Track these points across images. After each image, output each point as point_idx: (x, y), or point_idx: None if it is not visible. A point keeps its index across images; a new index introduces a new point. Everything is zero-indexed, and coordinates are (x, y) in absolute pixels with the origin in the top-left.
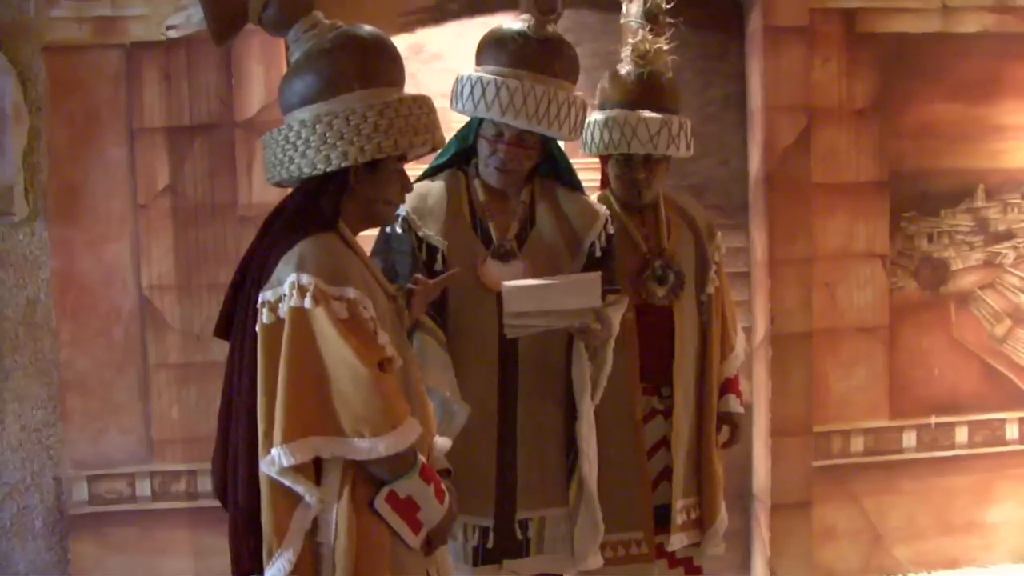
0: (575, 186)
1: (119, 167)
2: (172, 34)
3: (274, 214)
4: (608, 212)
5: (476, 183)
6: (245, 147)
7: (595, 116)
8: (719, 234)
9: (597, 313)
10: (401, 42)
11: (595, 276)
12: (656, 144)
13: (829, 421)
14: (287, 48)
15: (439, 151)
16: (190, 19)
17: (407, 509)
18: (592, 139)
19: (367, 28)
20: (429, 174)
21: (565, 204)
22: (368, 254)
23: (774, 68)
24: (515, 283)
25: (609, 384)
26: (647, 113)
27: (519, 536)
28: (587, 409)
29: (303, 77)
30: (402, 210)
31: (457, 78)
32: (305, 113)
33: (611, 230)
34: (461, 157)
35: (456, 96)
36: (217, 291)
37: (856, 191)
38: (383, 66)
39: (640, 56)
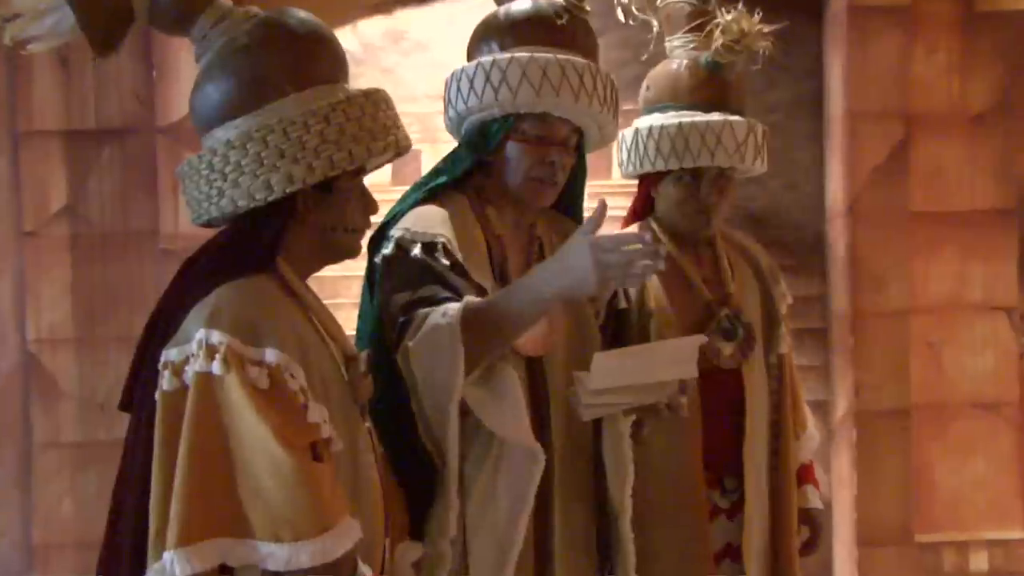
0: (578, 218)
1: None
2: (32, 48)
3: (199, 252)
4: None
5: (489, 211)
6: (169, 159)
7: (653, 121)
8: (783, 281)
9: (683, 385)
10: (376, 27)
11: (696, 340)
12: (743, 154)
13: (938, 528)
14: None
15: (440, 167)
16: (56, 27)
17: None
18: (656, 150)
19: (294, 14)
20: (428, 194)
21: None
22: (386, 294)
23: (861, 62)
24: (605, 353)
25: (663, 475)
26: (730, 116)
27: None
28: (629, 505)
29: (218, 85)
30: (433, 236)
31: (479, 64)
32: (229, 131)
33: None
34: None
35: (472, 88)
36: (129, 347)
37: (971, 222)
38: (319, 60)
39: (735, 39)
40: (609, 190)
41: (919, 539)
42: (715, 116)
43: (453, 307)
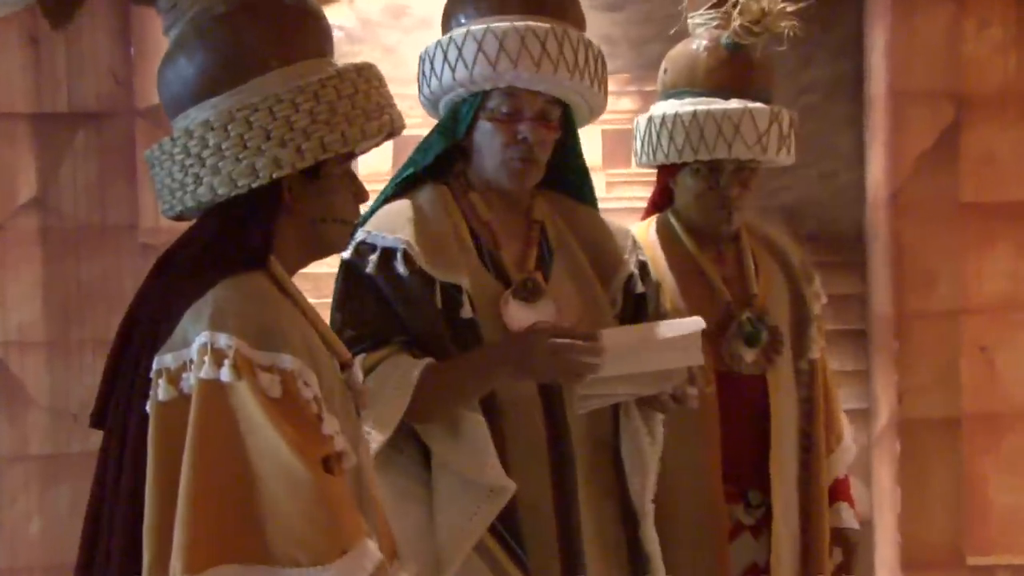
0: (586, 197)
1: None
2: None
3: (176, 246)
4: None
5: (473, 197)
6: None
7: (667, 108)
8: (817, 278)
9: (691, 373)
10: (375, 2)
11: (697, 323)
12: (765, 145)
13: (991, 550)
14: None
15: (412, 156)
16: None
17: None
18: (669, 141)
19: None
20: (402, 187)
21: (583, 222)
22: (335, 303)
23: (906, 37)
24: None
25: (677, 486)
26: (751, 103)
27: None
28: (651, 508)
29: (193, 60)
30: (393, 241)
31: (438, 43)
32: (206, 111)
33: (643, 256)
34: (435, 166)
35: (432, 69)
36: (106, 351)
37: None
38: (306, 30)
39: (755, 19)
40: (628, 179)
41: (971, 562)
42: (734, 103)
43: (415, 366)
